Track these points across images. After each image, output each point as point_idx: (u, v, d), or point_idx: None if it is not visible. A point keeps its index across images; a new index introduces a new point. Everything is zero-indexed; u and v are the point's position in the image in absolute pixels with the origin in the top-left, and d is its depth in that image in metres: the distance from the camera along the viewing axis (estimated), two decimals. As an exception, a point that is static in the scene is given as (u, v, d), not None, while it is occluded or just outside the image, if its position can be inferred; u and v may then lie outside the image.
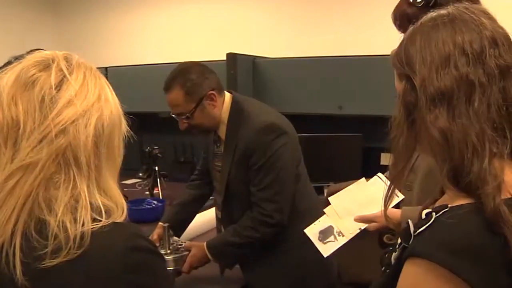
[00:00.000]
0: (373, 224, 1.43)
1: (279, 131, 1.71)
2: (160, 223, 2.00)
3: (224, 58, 3.02)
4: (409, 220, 0.77)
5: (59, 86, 0.78)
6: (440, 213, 0.72)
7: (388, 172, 1.94)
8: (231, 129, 1.80)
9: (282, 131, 1.72)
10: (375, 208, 1.43)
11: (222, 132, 1.83)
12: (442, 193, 0.82)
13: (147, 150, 3.19)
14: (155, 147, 3.17)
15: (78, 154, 0.76)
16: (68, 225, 0.73)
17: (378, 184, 1.48)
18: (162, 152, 3.20)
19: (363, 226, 1.46)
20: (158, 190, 3.08)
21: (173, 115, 1.82)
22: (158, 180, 3.09)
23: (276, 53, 3.42)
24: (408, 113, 0.77)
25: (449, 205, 0.73)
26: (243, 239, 1.77)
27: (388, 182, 1.40)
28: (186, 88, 1.75)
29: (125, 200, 0.85)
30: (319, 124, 3.18)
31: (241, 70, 3.05)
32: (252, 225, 1.75)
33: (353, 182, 1.61)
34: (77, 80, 0.80)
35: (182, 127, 1.81)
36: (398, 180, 0.83)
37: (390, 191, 0.84)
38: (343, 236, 1.49)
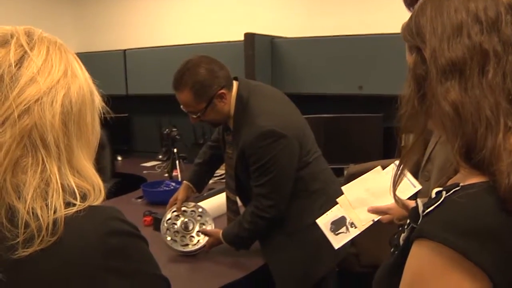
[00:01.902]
0: (387, 216, 1.41)
1: (276, 137, 1.72)
2: (185, 181, 2.18)
3: (242, 38, 2.98)
4: (418, 199, 0.74)
5: (19, 63, 0.73)
6: (451, 192, 0.69)
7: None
8: (235, 126, 1.83)
9: (280, 135, 1.72)
10: (390, 199, 1.39)
11: (231, 124, 1.86)
12: (456, 172, 0.79)
13: (165, 132, 3.21)
14: (174, 129, 3.18)
15: (45, 135, 0.72)
16: (39, 212, 0.69)
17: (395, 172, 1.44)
18: (181, 134, 3.21)
19: (377, 217, 1.45)
20: (177, 172, 3.10)
21: (184, 111, 1.84)
22: (177, 162, 3.11)
23: (295, 32, 3.37)
24: (419, 87, 0.74)
25: (460, 184, 0.69)
26: (246, 232, 1.86)
27: (407, 172, 1.39)
28: (195, 89, 1.75)
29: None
30: (339, 104, 3.13)
31: (259, 50, 3.01)
32: (251, 219, 1.82)
33: (374, 163, 1.59)
34: (39, 56, 0.75)
35: (193, 121, 1.86)
36: (407, 159, 0.80)
37: (399, 170, 0.81)
38: (355, 227, 1.48)
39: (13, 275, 0.68)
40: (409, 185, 1.36)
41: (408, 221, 0.76)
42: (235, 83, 1.85)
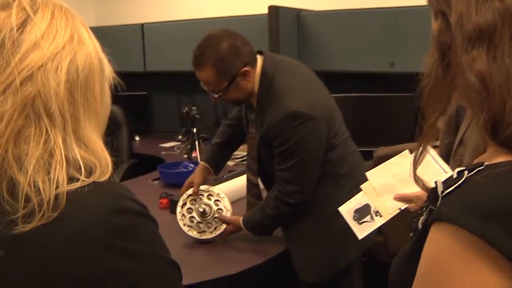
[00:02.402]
0: (415, 204, 1.37)
1: (303, 118, 1.69)
2: (201, 162, 2.17)
3: (266, 11, 2.94)
4: (437, 179, 0.71)
5: (21, 27, 0.72)
6: (474, 171, 0.65)
7: (440, 140, 1.88)
8: (259, 105, 1.80)
9: (308, 117, 1.69)
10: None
11: (254, 102, 1.83)
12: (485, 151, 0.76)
13: (184, 111, 3.21)
14: (193, 108, 3.17)
15: (49, 104, 0.71)
16: (41, 185, 0.68)
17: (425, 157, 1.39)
18: (201, 113, 3.20)
19: (404, 206, 1.42)
20: (197, 154, 3.11)
21: (205, 89, 1.82)
22: (197, 142, 3.11)
23: (322, 5, 3.31)
24: (443, 56, 0.70)
25: (485, 163, 0.66)
26: (269, 218, 1.85)
27: (438, 157, 1.36)
28: (217, 67, 1.72)
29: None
30: (369, 83, 3.08)
31: (284, 24, 2.96)
32: (274, 204, 1.81)
33: (403, 146, 1.55)
34: (43, 20, 0.73)
35: (214, 100, 1.83)
36: (429, 136, 0.76)
37: (421, 148, 0.77)
38: (380, 216, 1.45)
39: (12, 251, 0.68)
40: (440, 171, 1.32)
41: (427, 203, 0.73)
42: (259, 58, 1.82)
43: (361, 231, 1.47)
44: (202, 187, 2.08)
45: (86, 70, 0.76)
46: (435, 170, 1.34)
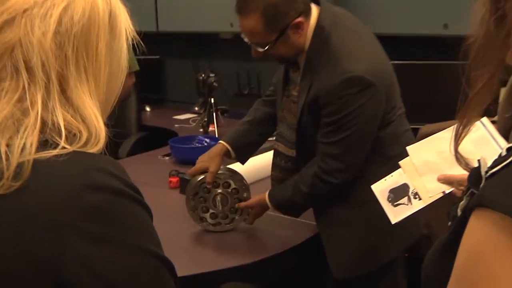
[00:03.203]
0: (463, 188, 1.33)
1: (364, 85, 1.65)
2: (221, 143, 2.02)
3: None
4: (481, 157, 0.68)
5: None
6: None
7: (498, 114, 1.83)
8: (308, 63, 1.75)
9: (369, 84, 1.65)
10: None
11: (302, 59, 1.79)
12: None
13: (201, 78, 3.20)
14: (211, 75, 3.17)
15: (29, 55, 0.70)
16: (2, 148, 0.67)
17: (479, 133, 1.33)
18: (220, 81, 3.20)
19: (449, 189, 1.39)
20: (214, 127, 3.11)
21: (247, 41, 1.77)
22: (214, 115, 3.12)
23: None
24: (496, 6, 0.67)
25: None
26: (302, 197, 1.82)
27: (495, 133, 1.31)
28: (267, 16, 1.66)
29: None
30: (417, 48, 3.04)
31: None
32: (312, 182, 1.78)
33: (454, 122, 1.50)
34: None
35: (255, 55, 1.78)
36: (475, 106, 0.74)
37: (465, 120, 0.75)
38: (419, 199, 1.43)
39: None
40: (497, 150, 1.28)
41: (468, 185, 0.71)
42: (314, 8, 1.75)
43: (395, 214, 1.46)
44: (218, 173, 1.99)
45: (85, 23, 0.73)
46: (492, 148, 1.31)
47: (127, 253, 0.71)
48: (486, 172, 0.65)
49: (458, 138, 0.78)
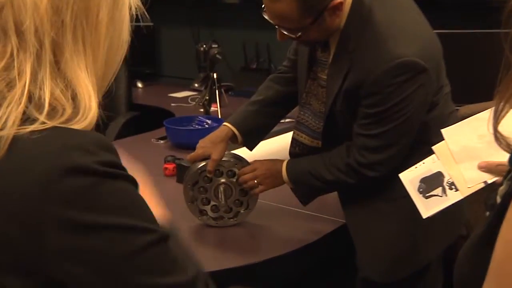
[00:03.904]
0: None
1: (416, 70, 1.65)
2: (226, 125, 2.03)
3: None
4: None
5: None
6: None
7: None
8: (345, 43, 1.74)
9: (421, 69, 1.65)
10: None
11: (334, 39, 1.78)
12: None
13: (202, 49, 3.21)
14: (214, 45, 3.17)
15: (21, 17, 0.71)
16: None
17: None
18: (224, 53, 3.21)
19: (492, 179, 1.39)
20: (216, 107, 3.12)
21: (275, 25, 1.75)
22: (217, 92, 3.12)
23: None
24: None
25: None
26: (326, 182, 1.84)
27: None
28: None
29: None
30: (458, 14, 3.05)
31: None
32: (345, 170, 1.80)
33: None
34: None
35: (281, 39, 1.78)
36: None
37: (507, 94, 0.77)
38: (456, 190, 1.43)
39: None
40: None
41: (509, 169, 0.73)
42: None
43: (427, 207, 1.47)
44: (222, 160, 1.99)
45: None
46: None
47: (115, 236, 0.73)
48: None
49: (498, 116, 0.79)
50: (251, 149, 2.10)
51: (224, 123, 2.05)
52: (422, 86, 1.66)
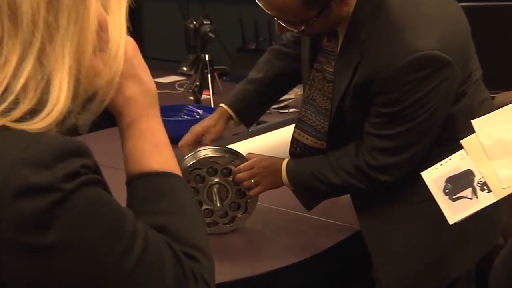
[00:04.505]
0: None
1: (437, 65, 1.66)
2: (222, 106, 2.15)
3: None
4: None
5: None
6: None
7: None
8: (355, 33, 1.76)
9: (443, 63, 1.66)
10: None
11: (342, 27, 1.79)
12: None
13: (192, 26, 3.21)
14: (206, 22, 3.18)
15: (18, 1, 0.74)
16: None
17: None
18: (218, 31, 3.21)
19: None
20: (209, 94, 3.11)
21: (273, 17, 1.78)
22: (209, 77, 3.12)
23: None
24: None
25: None
26: (331, 186, 1.86)
27: None
28: None
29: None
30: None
31: None
32: (353, 173, 1.82)
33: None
34: None
35: (279, 31, 1.82)
36: None
37: None
38: (489, 191, 1.43)
39: None
40: None
41: None
42: None
43: (455, 211, 1.45)
44: (214, 151, 2.01)
45: None
46: None
47: (80, 256, 0.75)
48: None
49: None
50: (247, 125, 2.25)
51: (220, 105, 2.16)
52: (445, 81, 1.68)
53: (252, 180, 1.95)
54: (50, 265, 0.73)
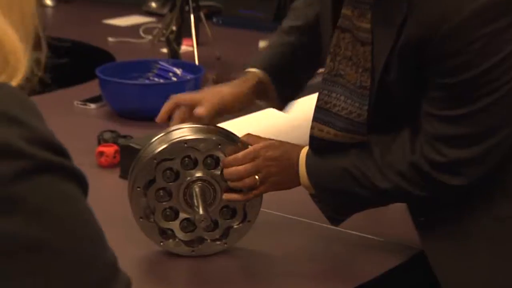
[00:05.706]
0: None
1: None
2: (255, 70, 2.13)
3: None
4: None
5: None
6: None
7: None
8: None
9: None
10: None
11: None
12: None
13: None
14: None
15: None
16: None
17: None
18: None
19: None
20: (192, 45, 3.09)
21: None
22: (192, 18, 3.11)
23: None
24: None
25: None
26: (376, 191, 1.88)
27: None
28: None
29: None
30: None
31: None
32: (409, 175, 1.85)
33: None
34: None
35: None
36: None
37: None
38: None
39: None
40: None
41: None
42: None
43: None
44: (193, 130, 2.01)
45: None
46: None
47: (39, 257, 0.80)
48: None
49: None
50: (293, 98, 2.20)
51: (247, 70, 2.14)
52: None
53: (257, 177, 1.93)
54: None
